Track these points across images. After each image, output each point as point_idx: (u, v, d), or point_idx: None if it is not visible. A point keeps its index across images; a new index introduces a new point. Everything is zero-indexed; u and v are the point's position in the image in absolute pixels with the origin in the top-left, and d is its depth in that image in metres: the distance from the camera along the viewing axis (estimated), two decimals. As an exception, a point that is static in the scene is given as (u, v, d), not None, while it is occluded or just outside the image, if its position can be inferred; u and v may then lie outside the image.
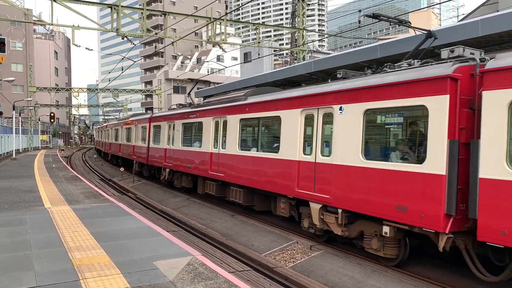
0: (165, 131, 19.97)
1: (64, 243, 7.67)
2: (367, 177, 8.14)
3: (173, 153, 18.81)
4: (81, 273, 6.06)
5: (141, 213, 12.99)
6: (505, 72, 6.10)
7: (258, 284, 7.24)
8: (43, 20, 24.78)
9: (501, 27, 9.35)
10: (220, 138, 14.41)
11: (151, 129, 22.59)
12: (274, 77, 18.08)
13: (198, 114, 16.42)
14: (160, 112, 23.64)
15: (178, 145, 18.22)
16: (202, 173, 15.52)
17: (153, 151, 21.78)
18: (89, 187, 16.36)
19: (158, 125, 21.32)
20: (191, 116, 17.14)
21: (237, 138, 13.17)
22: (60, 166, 26.40)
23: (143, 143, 23.77)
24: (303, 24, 25.51)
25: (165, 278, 5.97)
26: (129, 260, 6.72)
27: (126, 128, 28.95)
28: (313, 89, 10.17)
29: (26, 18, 50.98)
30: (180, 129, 18.22)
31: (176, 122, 18.69)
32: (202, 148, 15.68)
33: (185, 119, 17.74)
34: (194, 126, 16.92)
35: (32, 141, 52.26)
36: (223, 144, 14.18)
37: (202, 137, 15.79)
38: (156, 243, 7.85)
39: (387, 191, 7.71)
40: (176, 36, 22.42)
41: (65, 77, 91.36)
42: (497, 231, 6.04)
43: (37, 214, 10.40)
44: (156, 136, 21.69)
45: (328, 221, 9.25)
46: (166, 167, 19.60)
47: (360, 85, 8.50)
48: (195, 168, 16.16)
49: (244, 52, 45.55)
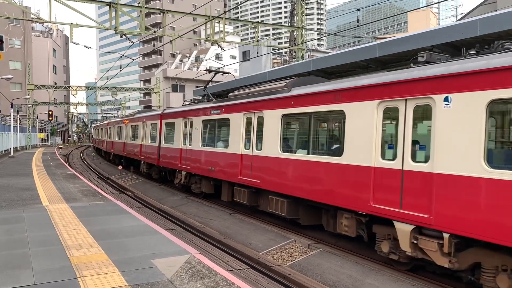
0: (181, 129, 17.93)
1: (62, 241, 7.66)
2: (495, 192, 6.06)
3: (190, 153, 16.68)
4: (79, 271, 6.06)
5: (139, 211, 12.98)
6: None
7: (256, 283, 7.24)
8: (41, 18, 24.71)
9: (500, 27, 9.36)
10: (254, 137, 12.37)
11: (162, 127, 20.49)
12: (273, 76, 18.07)
13: (224, 110, 14.26)
14: (174, 108, 21.75)
15: (197, 145, 16.10)
16: (230, 178, 13.45)
17: (165, 151, 19.67)
18: (87, 185, 16.34)
19: (171, 122, 19.17)
20: (214, 112, 15.00)
21: (278, 137, 11.13)
22: (58, 164, 26.36)
23: (153, 142, 21.70)
24: (302, 23, 25.50)
25: (163, 276, 5.97)
26: (127, 258, 6.72)
27: (131, 126, 27.30)
28: (395, 75, 7.97)
29: (24, 16, 50.85)
30: (199, 127, 16.06)
31: (195, 119, 16.51)
32: (229, 149, 13.60)
33: (206, 115, 15.55)
34: (218, 124, 14.76)
35: (30, 139, 52.18)
36: (257, 145, 12.17)
37: (230, 136, 13.68)
38: (154, 241, 7.85)
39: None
40: (174, 34, 22.40)
41: (64, 75, 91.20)
42: None
43: (35, 212, 10.38)
44: (168, 134, 19.63)
45: (426, 248, 7.08)
46: (182, 169, 17.44)
47: (480, 67, 6.41)
48: (220, 171, 14.04)
49: (242, 51, 45.50)
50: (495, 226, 6.01)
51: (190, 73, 64.16)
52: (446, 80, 6.85)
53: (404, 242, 7.40)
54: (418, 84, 7.32)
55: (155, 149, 21.21)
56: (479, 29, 9.72)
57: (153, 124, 22.03)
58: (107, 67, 60.59)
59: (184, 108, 18.32)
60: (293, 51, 27.23)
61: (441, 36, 10.53)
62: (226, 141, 13.99)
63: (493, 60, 6.31)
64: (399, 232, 7.47)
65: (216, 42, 23.08)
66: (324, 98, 9.51)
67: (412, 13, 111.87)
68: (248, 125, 12.71)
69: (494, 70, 6.19)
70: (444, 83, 6.87)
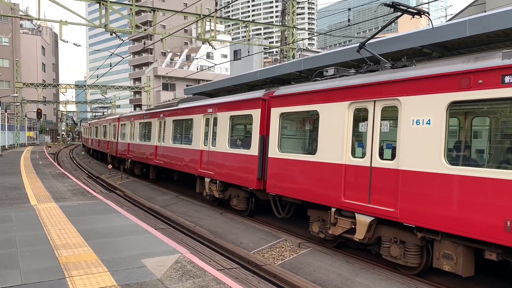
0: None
1: (50, 241, 7.58)
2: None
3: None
4: (67, 271, 6.00)
5: (129, 210, 12.90)
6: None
7: (247, 282, 7.24)
8: (30, 15, 24.41)
9: (489, 28, 9.46)
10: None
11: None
12: (264, 75, 18.07)
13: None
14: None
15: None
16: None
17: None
18: (76, 184, 16.19)
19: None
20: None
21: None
22: (47, 163, 26.08)
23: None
24: (293, 22, 25.53)
25: (152, 276, 5.93)
26: (116, 258, 6.67)
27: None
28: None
29: (12, 13, 50.22)
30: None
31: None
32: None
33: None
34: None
35: (18, 137, 51.56)
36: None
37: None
38: (144, 241, 7.80)
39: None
40: (165, 32, 22.29)
41: (53, 73, 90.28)
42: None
43: (22, 211, 10.25)
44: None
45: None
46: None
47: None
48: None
49: (234, 50, 45.42)
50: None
51: (181, 72, 63.91)
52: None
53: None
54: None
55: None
56: (468, 29, 9.82)
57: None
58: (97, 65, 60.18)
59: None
60: (284, 51, 27.26)
61: (430, 37, 10.61)
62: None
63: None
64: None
65: (207, 40, 23.02)
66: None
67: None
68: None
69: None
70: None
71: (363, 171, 8.20)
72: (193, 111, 15.96)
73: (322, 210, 9.51)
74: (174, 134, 17.91)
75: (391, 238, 7.98)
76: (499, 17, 9.24)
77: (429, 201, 6.94)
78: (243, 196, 13.00)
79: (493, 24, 9.36)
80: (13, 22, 64.21)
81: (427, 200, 6.98)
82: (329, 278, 8.12)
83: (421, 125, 7.03)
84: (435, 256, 7.22)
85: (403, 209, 7.33)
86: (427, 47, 11.12)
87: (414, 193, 7.18)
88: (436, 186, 6.85)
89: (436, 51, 11.40)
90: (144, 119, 21.90)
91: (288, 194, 10.31)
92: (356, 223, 8.39)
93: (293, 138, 11.14)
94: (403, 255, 7.77)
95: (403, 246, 7.79)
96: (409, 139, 7.33)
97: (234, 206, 13.33)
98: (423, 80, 7.18)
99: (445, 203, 6.69)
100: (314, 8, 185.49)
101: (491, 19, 9.39)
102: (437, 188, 6.83)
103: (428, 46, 11.08)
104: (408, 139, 7.35)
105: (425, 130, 7.05)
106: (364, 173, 8.17)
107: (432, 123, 6.94)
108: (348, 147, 8.64)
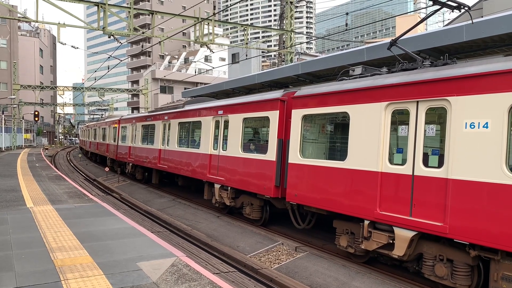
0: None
1: (46, 244, 7.54)
2: None
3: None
4: (62, 274, 5.97)
5: (125, 213, 12.86)
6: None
7: (243, 286, 7.21)
8: (28, 17, 24.39)
9: (485, 33, 9.51)
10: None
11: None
12: (262, 78, 18.10)
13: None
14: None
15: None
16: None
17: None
18: (73, 186, 16.14)
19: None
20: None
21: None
22: (44, 165, 26.01)
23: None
24: (291, 26, 25.59)
25: (148, 279, 5.91)
26: (112, 261, 6.64)
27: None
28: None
29: (10, 15, 50.23)
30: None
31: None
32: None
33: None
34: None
35: (15, 139, 51.44)
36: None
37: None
38: (140, 244, 7.78)
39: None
40: (163, 35, 22.29)
41: (50, 75, 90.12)
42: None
43: (18, 213, 10.21)
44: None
45: None
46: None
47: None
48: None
49: (232, 53, 45.52)
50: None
51: (179, 75, 63.93)
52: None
53: None
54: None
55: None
56: (465, 34, 9.86)
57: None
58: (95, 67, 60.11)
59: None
60: (282, 54, 27.30)
61: (428, 41, 10.66)
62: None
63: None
64: None
65: (205, 44, 23.04)
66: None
67: (400, 18, 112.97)
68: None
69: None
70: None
71: (404, 179, 7.38)
72: (201, 113, 15.02)
73: (351, 222, 8.71)
74: (179, 137, 17.06)
75: (436, 256, 7.16)
76: (496, 23, 9.30)
77: (486, 215, 6.15)
78: (257, 204, 12.08)
79: (489, 29, 9.41)
80: (11, 24, 64.14)
81: (484, 214, 6.18)
82: (325, 282, 8.11)
83: (477, 129, 6.34)
84: (492, 278, 6.38)
85: (454, 223, 6.50)
86: (424, 51, 11.16)
87: (467, 206, 6.40)
88: (496, 198, 6.08)
89: (432, 55, 11.45)
90: (147, 121, 20.83)
91: (311, 204, 9.37)
92: (394, 238, 7.51)
93: (317, 143, 10.15)
94: (451, 275, 6.94)
95: (451, 265, 6.96)
96: (462, 144, 6.53)
97: (247, 215, 12.39)
98: (479, 78, 6.43)
99: (506, 217, 5.94)
100: (312, 12, 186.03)
101: (488, 25, 9.44)
102: (497, 200, 6.05)
103: (425, 51, 11.12)
104: (460, 145, 6.55)
105: (482, 135, 6.29)
106: (405, 181, 7.35)
107: (491, 126, 6.20)
108: (384, 153, 7.81)
